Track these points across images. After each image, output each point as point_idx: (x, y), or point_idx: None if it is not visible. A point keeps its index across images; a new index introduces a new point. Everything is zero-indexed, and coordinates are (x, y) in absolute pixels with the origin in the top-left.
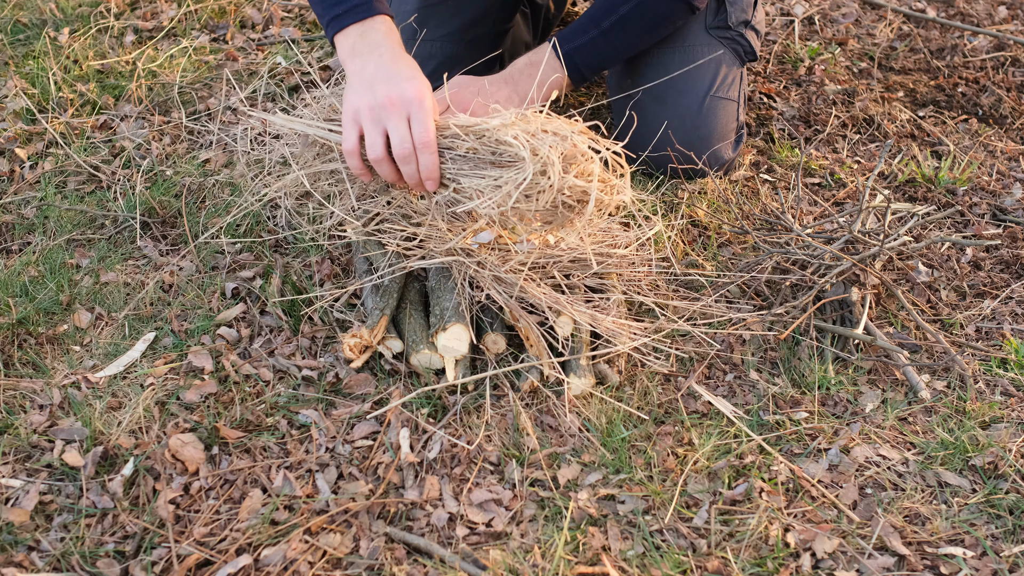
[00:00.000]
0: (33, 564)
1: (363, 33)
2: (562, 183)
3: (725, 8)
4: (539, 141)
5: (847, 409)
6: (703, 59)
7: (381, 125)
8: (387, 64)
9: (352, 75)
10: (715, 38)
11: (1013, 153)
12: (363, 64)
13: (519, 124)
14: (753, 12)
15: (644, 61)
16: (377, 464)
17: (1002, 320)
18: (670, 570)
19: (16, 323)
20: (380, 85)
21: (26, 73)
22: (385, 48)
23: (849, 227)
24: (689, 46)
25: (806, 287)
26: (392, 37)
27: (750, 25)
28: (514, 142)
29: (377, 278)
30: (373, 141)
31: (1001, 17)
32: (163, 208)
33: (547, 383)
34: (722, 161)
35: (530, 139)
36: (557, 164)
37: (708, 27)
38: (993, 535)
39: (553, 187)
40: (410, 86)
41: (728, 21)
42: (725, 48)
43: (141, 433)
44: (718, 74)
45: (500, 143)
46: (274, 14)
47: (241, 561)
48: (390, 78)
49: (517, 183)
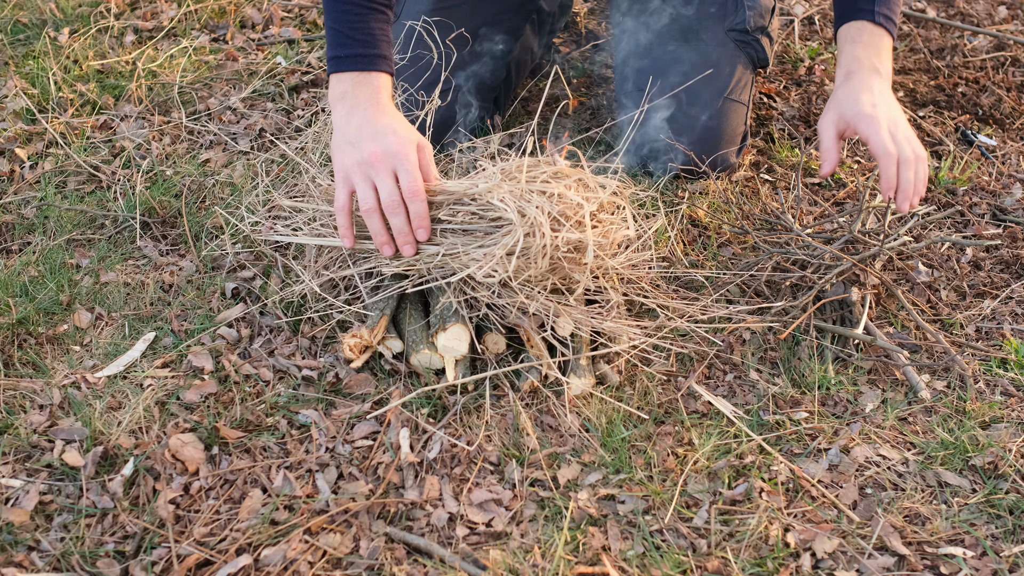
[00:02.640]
0: (33, 564)
1: (357, 84)
2: (555, 242)
3: (744, 12)
4: (526, 204)
5: (847, 409)
6: (720, 59)
7: (370, 180)
8: (371, 119)
9: (337, 124)
10: (732, 40)
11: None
12: (348, 117)
13: (506, 185)
14: (770, 20)
15: (659, 57)
16: (377, 464)
17: (1002, 320)
18: (670, 570)
19: (16, 323)
20: (365, 142)
21: (26, 73)
22: (372, 103)
23: (849, 227)
24: (706, 46)
25: (806, 287)
26: (383, 93)
27: (766, 32)
28: (500, 205)
29: (376, 281)
30: (364, 195)
31: (1001, 17)
32: (163, 208)
33: (547, 383)
34: (727, 163)
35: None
36: (546, 226)
37: (727, 29)
38: (993, 535)
39: (547, 247)
40: (394, 140)
41: (747, 25)
42: (741, 52)
43: (141, 433)
44: (733, 76)
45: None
46: (274, 14)
47: (241, 561)
48: (375, 134)
49: (507, 247)
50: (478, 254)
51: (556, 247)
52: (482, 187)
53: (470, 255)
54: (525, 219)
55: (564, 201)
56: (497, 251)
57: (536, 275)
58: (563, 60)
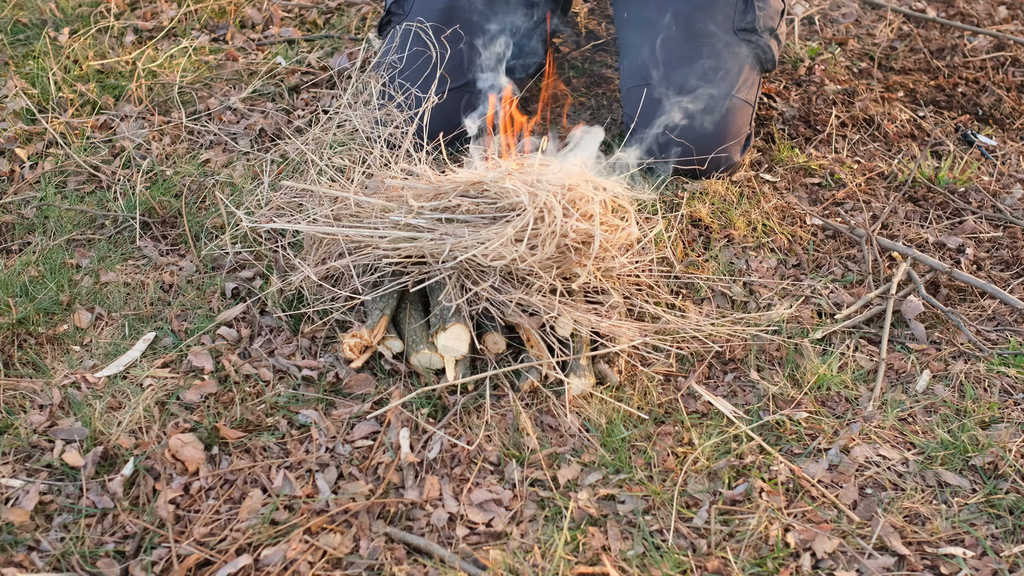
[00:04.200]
0: (33, 564)
1: None
2: (564, 228)
3: (754, 12)
4: (539, 188)
5: (847, 409)
6: (728, 57)
7: None
8: None
9: None
10: (741, 40)
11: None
12: None
13: (517, 175)
14: (779, 22)
15: (670, 52)
16: (377, 464)
17: (1002, 320)
18: (670, 570)
19: (16, 323)
20: None
21: (26, 73)
22: None
23: None
24: (716, 43)
25: None
26: None
27: (775, 34)
28: (512, 188)
29: (373, 291)
30: None
31: (1001, 17)
32: (163, 208)
33: (547, 383)
34: (730, 163)
35: (528, 187)
36: (558, 208)
37: (736, 28)
38: (993, 535)
39: (555, 233)
40: None
41: (756, 25)
42: (749, 51)
43: (141, 433)
44: (741, 75)
45: (501, 194)
46: (274, 14)
47: (241, 561)
48: None
49: (517, 227)
50: (487, 235)
51: (564, 233)
52: (492, 175)
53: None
54: (535, 200)
55: (574, 191)
56: (508, 231)
57: (541, 260)
58: (563, 60)
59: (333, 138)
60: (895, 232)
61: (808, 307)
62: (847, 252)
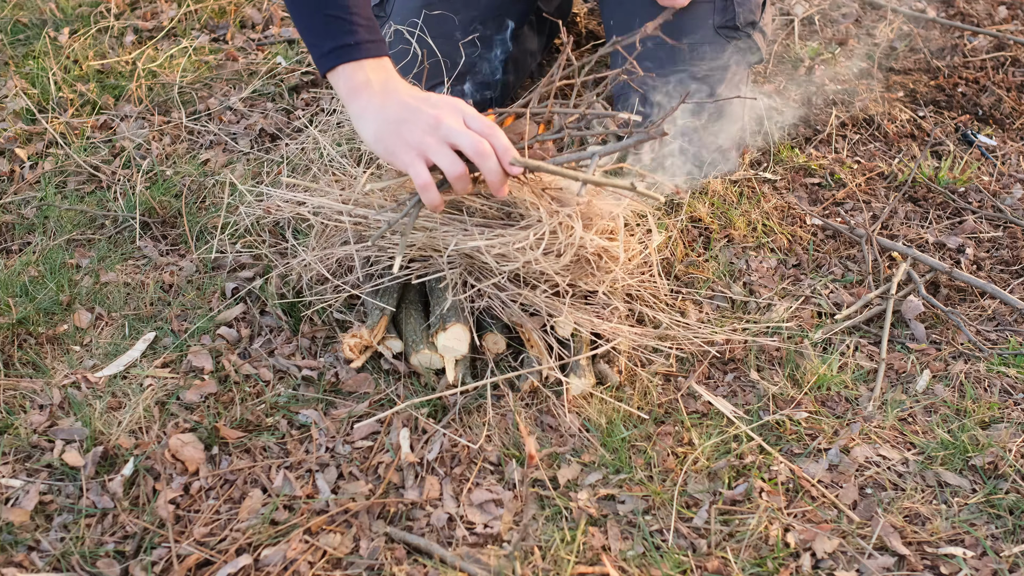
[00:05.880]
0: (33, 564)
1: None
2: (582, 240)
3: (733, 8)
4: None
5: (847, 409)
6: (713, 57)
7: (446, 143)
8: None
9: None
10: (723, 38)
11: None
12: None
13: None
14: (761, 14)
15: (649, 55)
16: (377, 464)
17: (1002, 320)
18: (670, 570)
19: (16, 323)
20: (420, 112)
21: (26, 73)
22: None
23: None
24: (697, 45)
25: None
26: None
27: (757, 27)
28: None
29: (376, 281)
30: (451, 160)
31: (1001, 17)
32: (163, 208)
33: (547, 383)
34: (728, 163)
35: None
36: (578, 223)
37: (716, 27)
38: (993, 535)
39: (573, 244)
40: (444, 98)
41: (736, 21)
42: (733, 48)
43: (141, 433)
44: (726, 73)
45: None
46: (274, 14)
47: (241, 561)
48: (424, 100)
49: (537, 235)
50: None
51: (583, 245)
52: None
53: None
54: (553, 219)
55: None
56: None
57: (558, 267)
58: None
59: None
60: (895, 232)
61: (808, 307)
62: (847, 252)
